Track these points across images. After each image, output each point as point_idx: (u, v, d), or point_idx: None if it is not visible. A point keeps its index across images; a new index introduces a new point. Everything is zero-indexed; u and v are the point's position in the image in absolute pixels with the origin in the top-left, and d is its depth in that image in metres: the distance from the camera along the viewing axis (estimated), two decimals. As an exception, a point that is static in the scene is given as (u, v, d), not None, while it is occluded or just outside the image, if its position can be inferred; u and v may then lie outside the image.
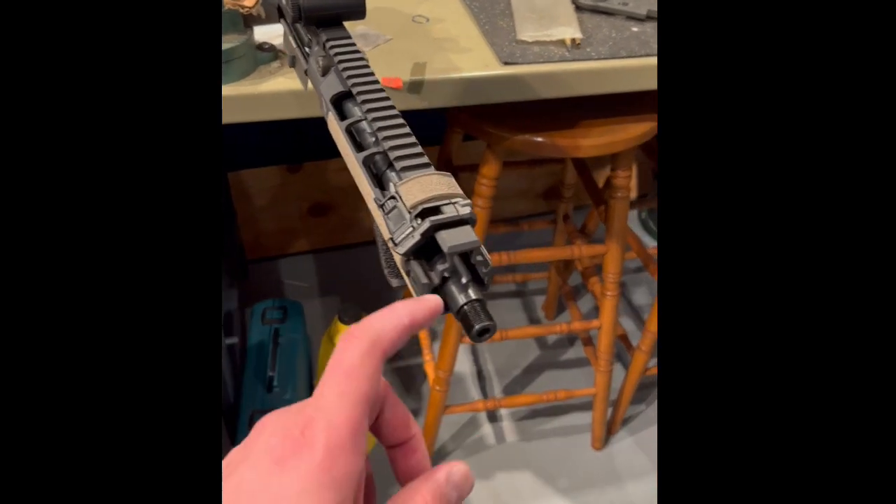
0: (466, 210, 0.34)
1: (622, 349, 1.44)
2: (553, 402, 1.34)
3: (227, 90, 0.65)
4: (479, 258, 0.34)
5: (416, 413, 1.32)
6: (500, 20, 0.78)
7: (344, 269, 1.60)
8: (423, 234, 0.33)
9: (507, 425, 1.32)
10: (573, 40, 0.74)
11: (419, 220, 0.34)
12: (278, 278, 1.57)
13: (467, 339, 1.07)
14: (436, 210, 0.34)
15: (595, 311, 1.51)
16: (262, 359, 1.07)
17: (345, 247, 1.65)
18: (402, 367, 1.40)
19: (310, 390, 1.24)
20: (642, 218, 1.77)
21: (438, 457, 1.25)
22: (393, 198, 0.35)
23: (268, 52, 0.68)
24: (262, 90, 0.66)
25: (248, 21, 0.66)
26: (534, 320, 1.51)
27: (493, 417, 1.33)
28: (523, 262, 1.01)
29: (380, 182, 0.39)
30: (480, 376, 1.40)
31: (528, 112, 0.86)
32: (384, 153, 0.39)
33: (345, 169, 1.47)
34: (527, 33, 0.75)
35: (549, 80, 0.73)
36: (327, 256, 1.63)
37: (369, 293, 1.55)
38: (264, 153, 1.51)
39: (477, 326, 0.32)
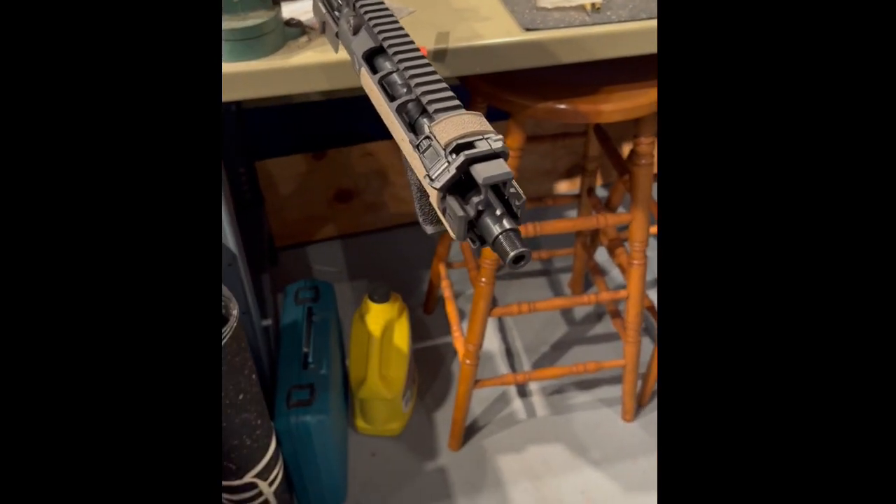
0: (499, 144, 0.35)
1: (650, 322, 1.44)
2: (582, 375, 1.35)
3: (258, 65, 0.67)
4: (512, 191, 0.35)
5: (446, 390, 1.34)
6: (520, -11, 0.79)
7: (371, 253, 1.63)
8: (458, 168, 0.35)
9: (537, 400, 1.33)
10: (593, 4, 0.75)
11: (454, 155, 0.35)
12: (307, 264, 1.60)
13: (497, 312, 1.09)
14: (469, 145, 0.35)
15: (621, 286, 1.51)
16: (297, 337, 1.09)
17: (370, 232, 1.67)
18: (430, 346, 1.42)
19: (343, 367, 1.26)
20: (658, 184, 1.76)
21: (470, 431, 1.27)
22: (428, 137, 0.37)
23: (295, 28, 0.70)
24: (292, 64, 0.68)
25: (276, -3, 0.68)
26: (561, 297, 1.52)
27: (522, 392, 1.34)
28: (549, 234, 1.02)
29: (413, 129, 0.41)
30: (509, 353, 1.41)
31: (550, 81, 0.87)
32: (416, 100, 0.41)
33: (368, 154, 1.51)
34: (547, 0, 0.76)
35: (570, 44, 0.74)
36: (354, 241, 1.66)
37: (396, 275, 1.57)
38: (289, 142, 1.54)
39: (512, 253, 0.34)
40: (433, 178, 0.36)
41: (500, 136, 0.36)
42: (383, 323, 1.18)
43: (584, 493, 1.19)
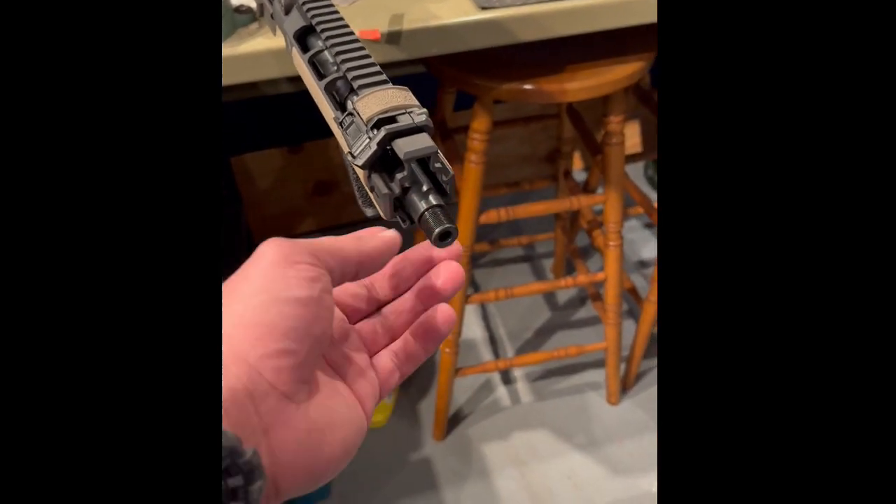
0: (422, 118, 0.34)
1: (634, 305, 1.43)
2: (565, 360, 1.34)
3: (206, 53, 0.65)
4: (438, 165, 0.34)
5: (429, 380, 1.33)
6: (477, -32, 0.78)
7: (352, 246, 1.61)
8: (379, 144, 0.33)
9: (521, 387, 1.33)
10: (550, -20, 0.74)
11: (375, 131, 0.34)
12: (288, 259, 1.59)
13: (474, 298, 1.08)
14: (391, 120, 0.34)
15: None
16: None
17: (351, 224, 1.66)
18: (414, 336, 1.41)
19: (323, 362, 1.25)
20: (648, 174, 1.75)
21: (454, 420, 1.26)
22: (350, 114, 0.36)
23: (245, 14, 0.69)
24: (241, 51, 0.66)
25: (222, -17, 0.66)
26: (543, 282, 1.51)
27: (506, 380, 1.34)
28: (525, 217, 1.00)
29: (342, 107, 0.40)
30: (492, 340, 1.40)
31: (515, 61, 0.85)
32: (344, 77, 0.39)
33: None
34: (503, -23, 0.74)
35: (528, 22, 0.72)
36: (335, 234, 1.64)
37: (378, 267, 1.55)
38: (264, 135, 1.52)
39: (437, 229, 0.33)
40: (355, 154, 0.34)
41: (425, 110, 0.35)
42: (361, 314, 1.17)
43: (571, 477, 1.19)
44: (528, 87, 0.83)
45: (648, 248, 1.58)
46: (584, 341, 1.38)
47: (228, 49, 0.66)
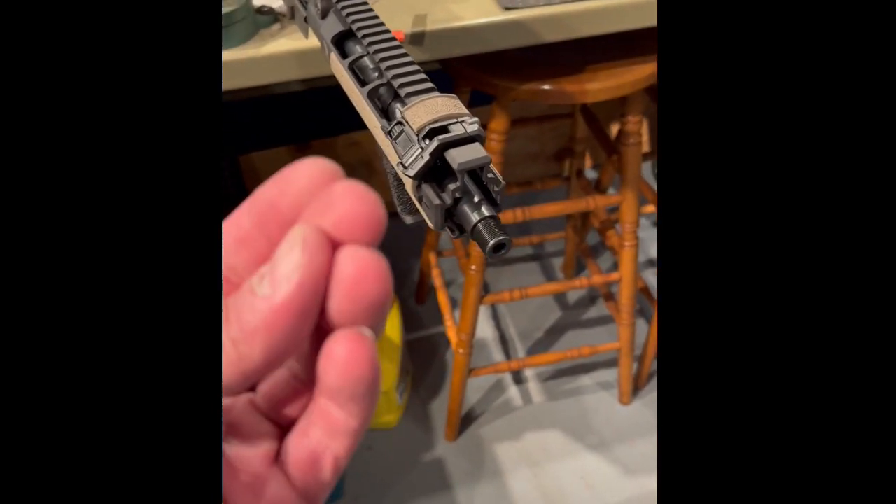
0: (474, 127, 0.33)
1: (645, 304, 1.43)
2: (577, 360, 1.34)
3: (229, 55, 0.65)
4: (490, 175, 0.33)
5: (440, 380, 1.33)
6: (498, -33, 0.77)
7: (360, 245, 1.61)
8: (431, 154, 0.33)
9: (532, 386, 1.32)
10: (574, -19, 0.73)
11: (427, 141, 0.33)
12: (296, 258, 1.58)
13: (488, 299, 1.07)
14: (443, 130, 0.34)
15: (614, 268, 1.50)
16: (286, 332, 1.08)
17: (359, 223, 1.65)
18: (423, 336, 1.41)
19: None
20: (657, 173, 1.75)
21: (466, 420, 1.26)
22: (400, 123, 0.35)
23: (267, 15, 0.68)
24: (264, 53, 0.66)
25: (245, -17, 0.65)
26: (553, 281, 1.51)
27: (518, 379, 1.33)
28: (539, 218, 1.00)
29: (386, 114, 0.39)
30: (503, 340, 1.40)
31: (533, 62, 0.85)
32: (388, 84, 0.38)
33: (354, 144, 1.48)
34: (526, -23, 0.74)
35: (551, 22, 0.72)
36: (343, 233, 1.64)
37: (387, 264, 1.55)
38: (272, 134, 1.51)
39: (492, 241, 0.32)
40: (406, 165, 0.34)
41: (476, 119, 0.34)
42: (374, 315, 1.17)
43: (584, 478, 1.18)
44: (547, 87, 0.83)
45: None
46: (594, 341, 1.38)
47: (251, 51, 0.66)
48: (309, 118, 1.52)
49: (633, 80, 0.83)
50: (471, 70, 0.85)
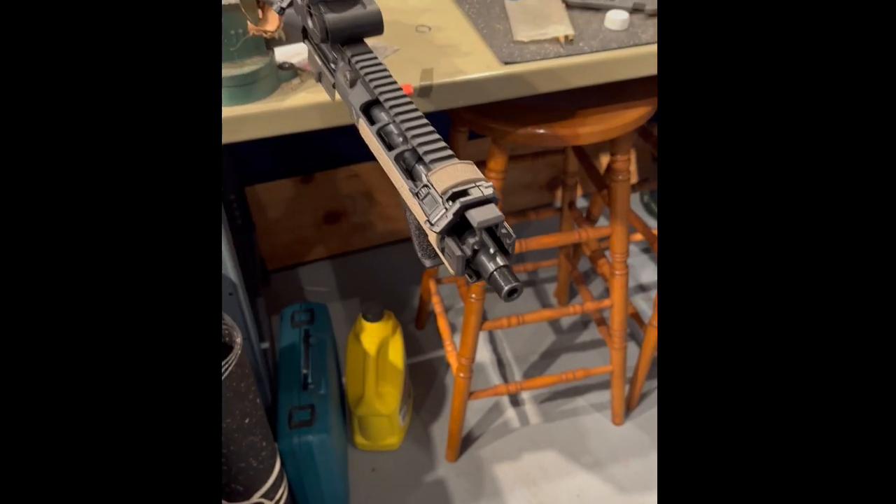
0: (490, 191, 0.40)
1: (635, 328, 1.49)
2: (572, 382, 1.40)
3: (255, 108, 0.71)
4: (504, 231, 0.40)
5: (441, 402, 1.38)
6: (497, 24, 0.84)
7: (360, 272, 1.67)
8: (455, 214, 0.39)
9: (529, 408, 1.38)
10: (566, 37, 0.80)
11: (451, 202, 0.40)
12: (299, 285, 1.63)
13: (488, 325, 1.13)
14: (464, 193, 0.40)
15: (605, 293, 1.56)
16: (295, 359, 1.13)
17: (359, 251, 1.71)
18: (423, 360, 1.46)
19: (339, 386, 1.30)
20: (644, 201, 1.82)
21: (466, 442, 1.31)
22: (426, 186, 0.41)
23: (288, 71, 0.75)
24: (287, 106, 0.72)
25: (270, 44, 0.72)
26: (547, 307, 1.57)
27: (515, 402, 1.39)
28: (535, 249, 1.06)
29: (410, 175, 0.45)
30: (500, 364, 1.46)
31: (529, 107, 0.92)
32: (413, 150, 0.45)
33: (354, 176, 1.56)
34: (523, 34, 0.81)
35: (546, 75, 0.79)
36: (343, 261, 1.70)
37: (386, 292, 1.61)
38: (277, 167, 1.57)
39: (506, 287, 0.38)
40: (433, 222, 0.40)
41: (491, 184, 0.41)
42: (378, 341, 1.22)
43: (580, 496, 1.24)
44: (541, 131, 0.90)
45: (647, 272, 1.65)
46: (587, 364, 1.44)
47: (274, 104, 0.72)
48: (312, 152, 1.58)
49: (622, 123, 0.90)
50: (470, 115, 0.92)
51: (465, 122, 0.94)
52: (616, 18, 0.82)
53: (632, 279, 1.63)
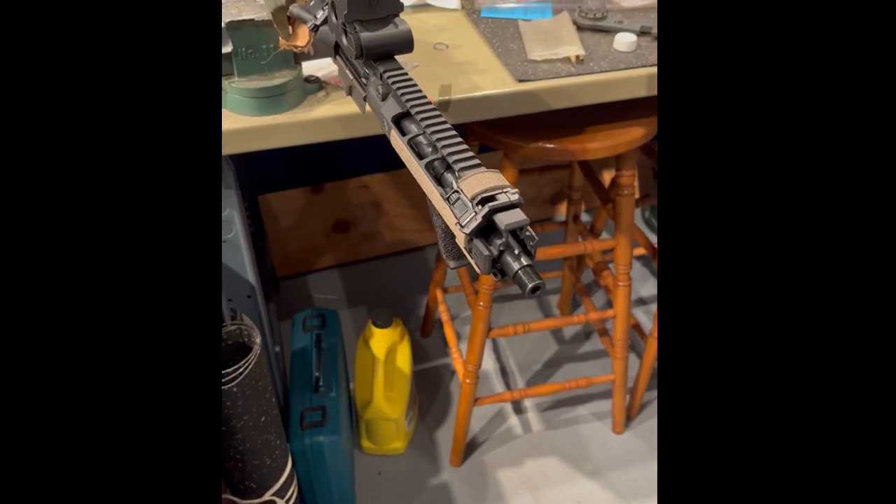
0: (516, 197, 0.44)
1: (636, 339, 1.53)
2: (574, 391, 1.43)
3: (283, 118, 0.75)
4: (528, 233, 0.44)
5: (445, 409, 1.41)
6: (511, 43, 0.89)
7: (368, 281, 1.70)
8: (483, 217, 0.43)
9: (532, 416, 1.41)
10: (577, 57, 0.85)
11: (479, 207, 0.43)
12: (308, 293, 1.67)
13: (494, 333, 1.17)
14: (492, 198, 0.44)
15: (607, 305, 1.60)
16: (307, 362, 1.16)
17: (367, 260, 1.75)
18: (429, 368, 1.49)
19: (347, 390, 1.33)
20: (646, 217, 1.87)
21: (470, 447, 1.34)
22: (456, 192, 0.45)
23: (314, 84, 0.79)
24: (313, 117, 0.76)
25: (298, 58, 0.76)
26: (550, 317, 1.60)
27: (518, 409, 1.42)
28: (541, 260, 1.10)
29: (439, 181, 0.49)
30: (504, 373, 1.49)
31: (539, 123, 0.96)
32: (442, 158, 0.49)
33: (363, 187, 1.61)
34: (536, 53, 0.85)
35: (558, 93, 0.83)
36: (351, 270, 1.73)
37: (393, 301, 1.64)
38: (288, 176, 1.62)
39: (531, 285, 0.42)
40: (463, 225, 0.44)
41: (516, 190, 0.44)
42: (386, 347, 1.25)
43: (580, 502, 1.26)
44: (551, 146, 0.94)
45: (648, 286, 1.69)
46: (588, 374, 1.47)
47: (301, 115, 0.76)
48: (323, 162, 1.62)
49: (628, 140, 0.94)
50: (483, 129, 0.96)
51: (479, 135, 0.98)
52: (624, 41, 0.87)
53: (633, 293, 1.67)
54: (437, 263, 1.41)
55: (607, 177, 1.78)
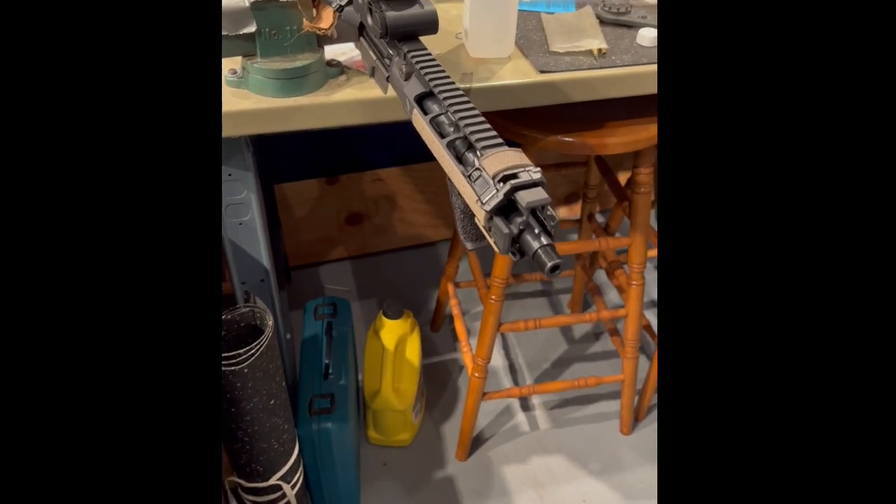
0: (538, 175, 0.44)
1: (646, 341, 1.52)
2: (582, 390, 1.42)
3: (305, 100, 0.75)
4: (549, 213, 0.43)
5: (453, 403, 1.41)
6: (534, 35, 0.89)
7: (379, 274, 1.70)
8: (505, 194, 0.43)
9: (539, 414, 1.40)
10: (599, 50, 0.84)
11: (501, 184, 0.43)
12: (319, 283, 1.67)
13: (505, 328, 1.16)
14: (514, 176, 0.44)
15: (619, 306, 1.59)
16: (317, 349, 1.16)
17: (379, 253, 1.75)
18: (437, 362, 1.49)
19: (356, 379, 1.33)
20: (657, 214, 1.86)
21: (476, 442, 1.34)
22: (478, 170, 0.45)
23: (335, 68, 0.79)
24: (333, 100, 0.76)
25: (321, 41, 0.77)
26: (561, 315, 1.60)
27: (526, 407, 1.41)
28: (555, 255, 1.10)
29: (460, 160, 0.49)
30: (513, 369, 1.49)
31: (559, 116, 0.95)
32: (464, 138, 0.49)
33: (378, 180, 1.61)
34: (558, 45, 0.85)
35: (579, 85, 0.83)
36: (363, 262, 1.74)
37: (403, 295, 1.64)
38: (304, 167, 1.62)
39: (550, 264, 0.42)
40: (484, 202, 0.44)
41: (539, 169, 0.44)
42: (396, 338, 1.26)
43: (585, 501, 1.26)
44: (570, 139, 0.94)
45: (660, 288, 1.68)
46: (597, 373, 1.46)
47: (322, 97, 0.76)
48: (338, 154, 1.63)
49: (648, 136, 0.94)
50: (502, 120, 0.96)
51: (497, 127, 0.97)
52: (647, 35, 0.86)
53: (645, 294, 1.66)
54: (450, 258, 1.41)
55: (622, 178, 1.77)
